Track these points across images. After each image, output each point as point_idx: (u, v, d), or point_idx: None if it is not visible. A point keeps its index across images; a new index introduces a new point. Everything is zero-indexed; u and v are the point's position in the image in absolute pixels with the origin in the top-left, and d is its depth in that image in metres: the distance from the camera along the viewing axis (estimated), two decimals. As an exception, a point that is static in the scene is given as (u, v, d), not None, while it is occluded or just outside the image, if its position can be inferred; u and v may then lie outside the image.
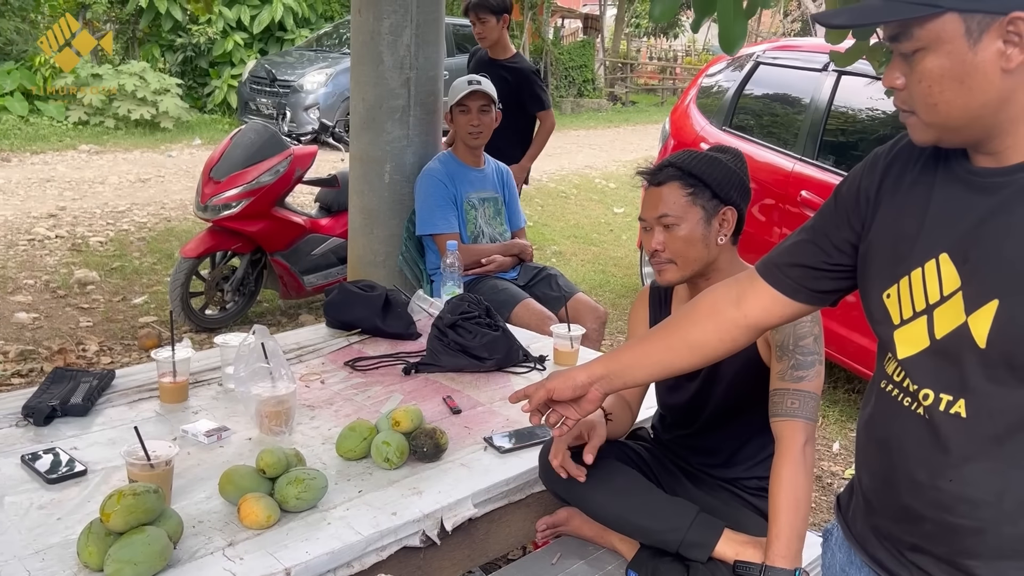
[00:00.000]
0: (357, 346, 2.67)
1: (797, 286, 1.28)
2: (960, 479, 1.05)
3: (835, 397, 4.11)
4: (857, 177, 1.22)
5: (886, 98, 3.97)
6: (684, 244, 1.83)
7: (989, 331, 1.00)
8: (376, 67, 3.29)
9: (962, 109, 0.99)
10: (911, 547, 1.13)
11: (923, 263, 1.08)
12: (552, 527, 2.03)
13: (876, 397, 1.19)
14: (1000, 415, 1.02)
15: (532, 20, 17.61)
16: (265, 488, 1.72)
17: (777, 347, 1.78)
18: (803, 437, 1.69)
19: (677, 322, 1.42)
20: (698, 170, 1.84)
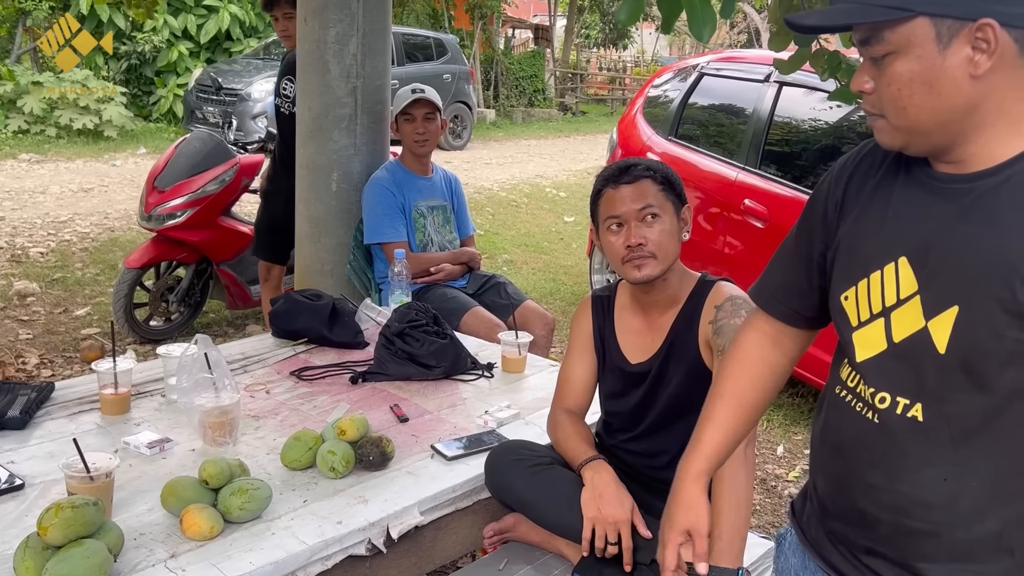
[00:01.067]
0: (304, 355, 2.65)
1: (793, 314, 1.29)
2: (916, 482, 1.07)
3: (779, 401, 4.18)
4: (824, 188, 1.23)
5: (827, 108, 4.08)
6: (666, 237, 1.86)
7: (949, 337, 1.02)
8: (322, 76, 3.28)
9: (930, 113, 1.00)
10: (865, 550, 1.14)
11: (882, 266, 1.09)
12: (499, 533, 2.05)
13: (829, 403, 1.21)
14: (957, 420, 1.03)
15: (482, 30, 17.67)
16: (208, 499, 1.71)
17: (719, 351, 1.82)
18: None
19: (743, 390, 1.35)
20: (662, 170, 1.90)
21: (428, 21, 16.27)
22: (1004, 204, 0.99)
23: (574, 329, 2.09)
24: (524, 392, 2.50)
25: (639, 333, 1.99)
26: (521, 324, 3.02)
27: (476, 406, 2.35)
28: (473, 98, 13.78)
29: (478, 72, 16.79)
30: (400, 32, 12.77)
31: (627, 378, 1.99)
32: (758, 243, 4.14)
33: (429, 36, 13.39)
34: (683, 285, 1.94)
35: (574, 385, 2.06)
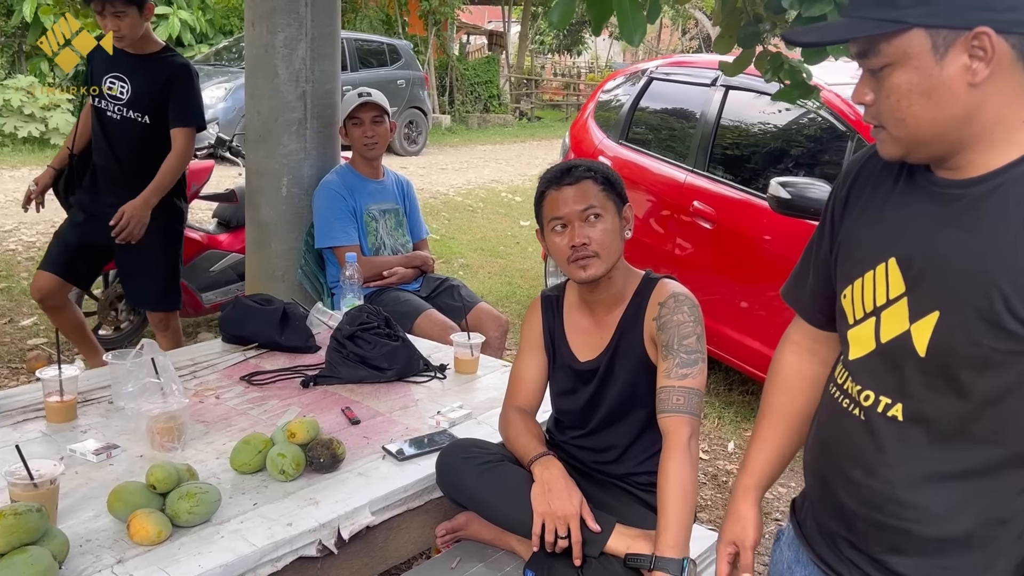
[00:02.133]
0: (254, 361, 2.64)
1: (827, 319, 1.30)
2: (891, 479, 1.10)
3: (730, 399, 4.26)
4: (834, 188, 1.26)
5: (773, 111, 4.17)
6: (609, 236, 1.88)
7: (929, 341, 1.04)
8: (271, 80, 3.27)
9: (930, 123, 1.01)
10: (848, 544, 1.18)
11: (874, 266, 1.12)
12: (451, 532, 2.06)
13: (823, 400, 1.25)
14: (934, 421, 1.06)
15: (437, 36, 17.67)
16: (156, 504, 1.70)
17: (663, 347, 1.86)
18: (688, 431, 1.78)
19: (779, 406, 1.39)
20: (602, 170, 1.93)
21: (382, 27, 16.21)
22: (991, 212, 1.01)
23: (525, 329, 2.12)
24: (476, 392, 2.51)
25: (587, 331, 2.01)
26: (475, 326, 3.04)
27: (428, 407, 2.36)
28: (428, 104, 13.77)
29: (433, 78, 16.78)
30: (353, 38, 12.71)
31: (577, 376, 2.02)
32: (707, 244, 4.20)
33: (383, 42, 13.36)
34: (628, 283, 1.98)
35: (525, 384, 2.08)
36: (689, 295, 1.93)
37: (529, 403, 2.08)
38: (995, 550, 1.06)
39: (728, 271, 4.10)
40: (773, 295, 3.83)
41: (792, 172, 3.90)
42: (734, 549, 1.40)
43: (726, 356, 4.11)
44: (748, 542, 1.39)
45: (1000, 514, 1.04)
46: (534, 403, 2.09)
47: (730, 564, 1.41)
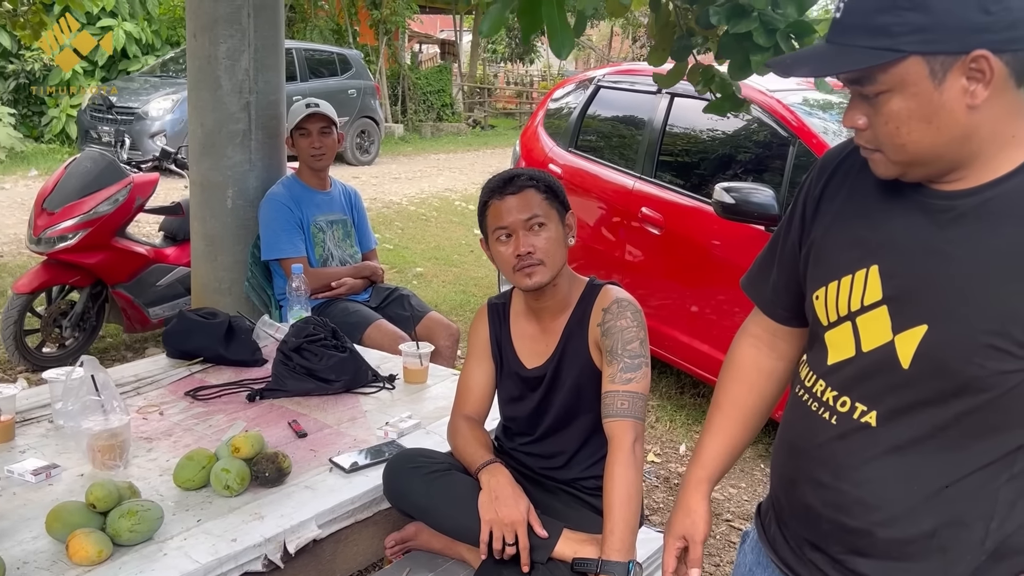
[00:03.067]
0: (199, 375, 2.61)
1: (789, 315, 1.31)
2: (858, 482, 1.10)
3: (682, 402, 4.30)
4: (805, 183, 1.24)
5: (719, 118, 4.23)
6: (553, 244, 1.89)
7: (914, 354, 1.04)
8: (214, 92, 3.24)
9: (930, 147, 1.00)
10: (811, 546, 1.19)
11: (854, 272, 1.11)
12: (401, 543, 2.05)
13: (790, 402, 1.25)
14: (907, 429, 1.07)
15: (388, 45, 17.63)
16: (96, 523, 1.67)
17: (607, 352, 1.88)
18: (633, 435, 1.80)
19: (734, 397, 1.38)
20: (544, 178, 1.94)
21: (332, 37, 16.13)
22: (980, 227, 1.01)
23: (472, 337, 2.12)
24: (426, 402, 2.51)
25: (534, 338, 2.03)
26: (425, 335, 3.04)
27: (377, 418, 2.36)
28: (380, 113, 13.72)
29: (384, 87, 16.72)
30: (303, 48, 12.63)
31: (524, 383, 2.03)
32: (656, 250, 4.25)
33: (333, 52, 13.28)
34: (573, 290, 1.99)
35: (473, 392, 2.08)
36: (632, 300, 1.95)
37: (477, 411, 2.08)
38: (955, 555, 1.07)
39: (677, 276, 4.15)
40: (723, 299, 3.89)
41: (737, 178, 3.96)
42: (683, 543, 1.37)
43: (677, 360, 4.15)
44: (698, 536, 1.35)
45: (963, 518, 1.06)
46: (482, 411, 2.10)
47: (677, 558, 1.39)
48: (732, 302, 3.78)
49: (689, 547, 1.37)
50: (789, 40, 2.35)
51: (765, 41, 2.31)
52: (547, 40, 2.19)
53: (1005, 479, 1.02)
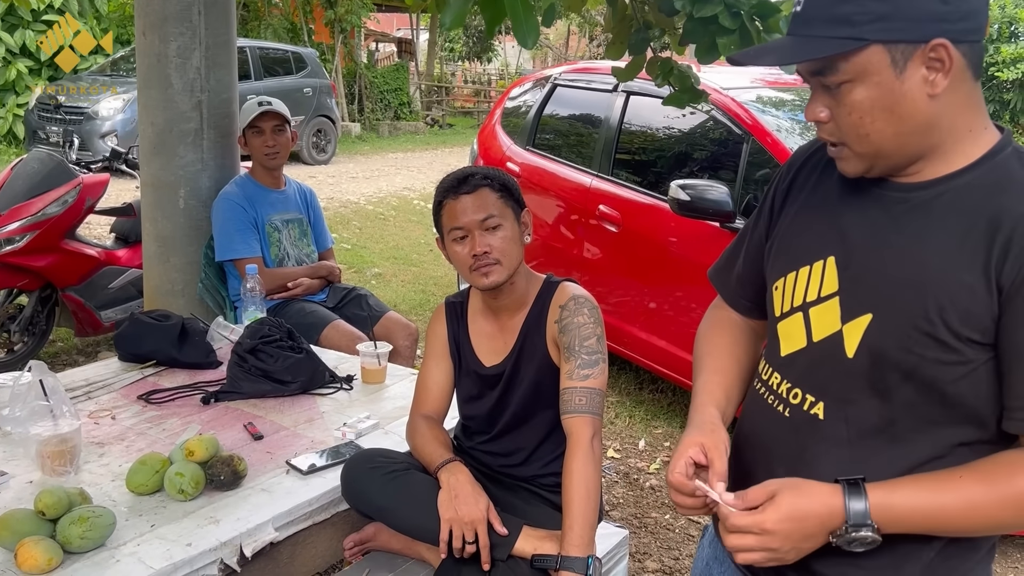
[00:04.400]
0: (152, 379, 2.56)
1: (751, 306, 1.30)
2: (810, 477, 1.08)
3: (640, 398, 4.33)
4: (775, 178, 1.26)
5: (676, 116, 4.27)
6: (508, 243, 1.89)
7: (859, 343, 1.05)
8: (164, 90, 3.19)
9: (893, 137, 1.01)
10: None
11: (811, 263, 1.12)
12: (360, 543, 2.04)
13: (748, 396, 1.26)
14: (855, 421, 1.07)
15: (344, 44, 17.49)
16: (46, 530, 1.64)
17: (565, 348, 1.88)
18: (591, 431, 1.80)
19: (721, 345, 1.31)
20: (499, 177, 1.94)
21: (287, 35, 15.95)
22: (932, 220, 1.03)
23: (430, 337, 2.12)
24: (384, 402, 2.50)
25: (492, 336, 2.03)
26: (384, 335, 3.03)
27: (335, 419, 2.34)
28: (336, 112, 13.60)
29: (341, 86, 16.58)
30: (257, 46, 12.46)
31: (482, 381, 2.02)
32: (613, 247, 4.28)
33: (287, 50, 13.13)
34: (530, 287, 2.00)
35: (431, 391, 2.08)
36: (589, 297, 1.96)
37: (436, 410, 2.08)
38: (905, 552, 1.08)
39: (634, 273, 4.18)
40: (680, 295, 3.93)
41: (692, 175, 4.00)
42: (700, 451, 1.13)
43: (635, 356, 4.18)
44: (721, 446, 1.13)
45: None
46: (441, 410, 2.09)
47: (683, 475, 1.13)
48: (689, 298, 3.82)
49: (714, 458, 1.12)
50: (754, 21, 2.37)
51: (731, 23, 2.32)
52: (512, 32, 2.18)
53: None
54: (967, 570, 1.11)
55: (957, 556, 1.10)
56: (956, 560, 1.10)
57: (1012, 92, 11.01)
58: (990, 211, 0.99)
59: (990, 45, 11.18)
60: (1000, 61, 10.84)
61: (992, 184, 1.01)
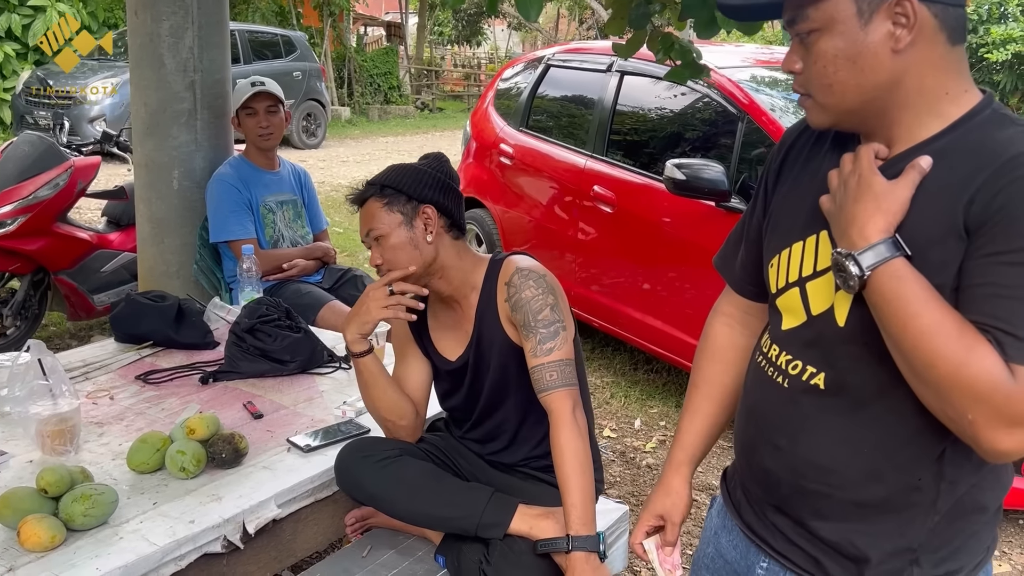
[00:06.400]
0: (149, 359, 2.56)
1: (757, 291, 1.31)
2: (813, 446, 1.12)
3: (636, 378, 4.35)
4: (767, 160, 1.27)
5: (670, 96, 4.26)
6: (393, 252, 1.85)
7: (848, 311, 1.06)
8: (157, 70, 3.16)
9: (856, 90, 1.03)
10: (773, 508, 1.20)
11: (804, 238, 1.13)
12: (361, 520, 2.05)
13: (750, 369, 1.26)
14: (854, 389, 1.08)
15: (333, 27, 17.37)
16: (48, 508, 1.64)
17: (521, 326, 1.84)
18: (571, 403, 1.78)
19: (711, 376, 1.39)
20: (389, 180, 1.89)
21: (275, 19, 15.84)
22: None
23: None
24: (382, 381, 2.49)
25: (453, 327, 1.99)
26: (380, 316, 3.01)
27: (334, 398, 2.34)
28: (326, 95, 13.53)
29: (330, 70, 16.49)
30: (246, 30, 12.37)
31: (451, 376, 2.00)
32: (608, 228, 4.27)
33: (277, 33, 13.04)
34: (474, 271, 1.94)
35: (406, 387, 2.03)
36: (535, 267, 1.91)
37: (419, 397, 2.04)
38: (910, 516, 1.09)
39: (629, 253, 4.18)
40: (675, 275, 3.93)
41: (687, 154, 3.99)
42: (659, 522, 1.39)
43: (630, 336, 4.19)
44: (677, 517, 1.38)
45: (916, 481, 1.08)
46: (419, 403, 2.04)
47: (647, 534, 1.40)
48: (683, 278, 3.82)
49: (667, 527, 1.39)
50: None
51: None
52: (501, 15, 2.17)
53: (951, 440, 1.04)
54: (973, 532, 1.12)
55: (962, 519, 1.10)
56: (961, 523, 1.11)
57: (1002, 73, 11.02)
58: (966, 171, 0.99)
59: (980, 26, 11.21)
60: (990, 42, 10.85)
61: (970, 146, 1.01)
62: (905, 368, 1.00)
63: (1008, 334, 0.93)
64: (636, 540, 1.42)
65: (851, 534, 1.12)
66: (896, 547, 1.10)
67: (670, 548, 1.40)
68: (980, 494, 1.11)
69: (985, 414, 0.93)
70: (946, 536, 1.10)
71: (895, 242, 1.00)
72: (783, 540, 1.20)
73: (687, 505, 1.40)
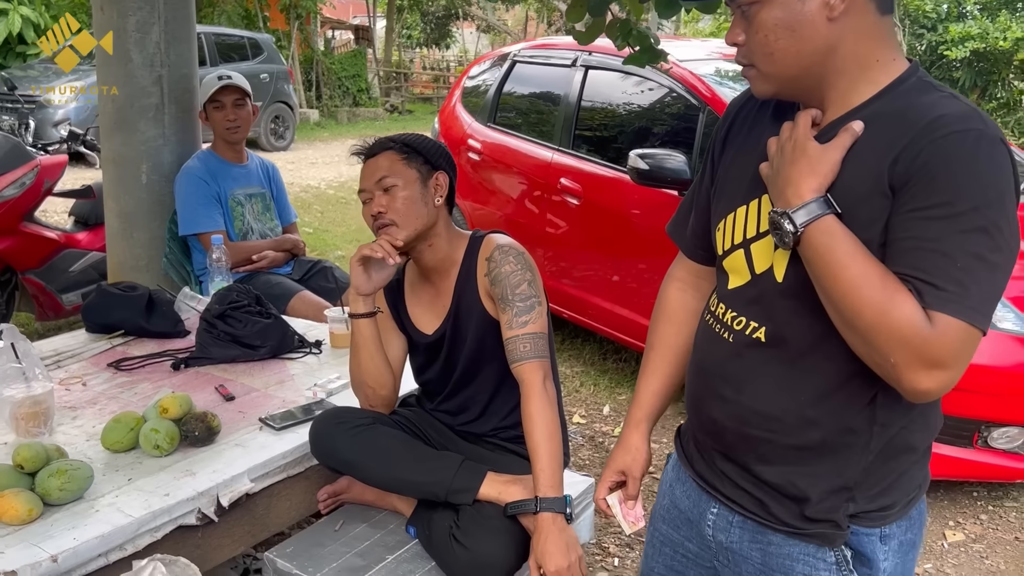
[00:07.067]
0: (121, 348, 2.58)
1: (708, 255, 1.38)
2: (755, 395, 1.19)
3: (605, 367, 4.42)
4: (713, 131, 1.35)
5: (636, 92, 4.35)
6: (405, 204, 1.91)
7: (785, 269, 1.14)
8: (124, 65, 3.18)
9: (795, 58, 1.10)
10: (721, 456, 1.28)
11: (748, 202, 1.21)
12: (333, 495, 2.09)
13: (699, 328, 1.34)
14: (792, 341, 1.16)
15: (300, 30, 17.34)
16: (25, 484, 1.67)
17: (499, 300, 1.92)
18: (541, 374, 1.85)
19: (666, 338, 1.47)
20: (410, 141, 1.97)
21: (241, 22, 15.77)
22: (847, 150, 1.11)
23: None
24: (353, 365, 2.53)
25: (430, 302, 2.05)
26: (349, 305, 3.06)
27: (305, 380, 2.38)
28: (294, 98, 13.50)
29: (298, 73, 16.46)
30: (212, 32, 12.32)
31: (428, 349, 2.06)
32: (576, 219, 4.34)
33: (243, 36, 13.00)
34: (455, 247, 2.01)
35: None
36: (514, 245, 1.99)
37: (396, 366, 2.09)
38: (845, 457, 1.17)
39: (597, 244, 4.25)
40: (643, 266, 4.01)
41: (651, 146, 4.07)
42: (621, 478, 1.47)
43: (599, 326, 4.26)
44: (637, 471, 1.45)
45: (850, 424, 1.16)
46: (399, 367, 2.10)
47: (610, 490, 1.48)
48: (650, 268, 3.90)
49: (628, 481, 1.47)
50: None
51: None
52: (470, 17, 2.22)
53: (882, 385, 1.11)
54: (904, 471, 1.20)
55: (894, 459, 1.18)
56: (893, 463, 1.18)
57: (960, 71, 11.28)
58: (892, 134, 1.07)
59: (939, 24, 11.46)
60: (949, 40, 11.09)
61: (896, 110, 1.09)
62: (836, 318, 1.08)
63: (926, 283, 1.01)
64: (600, 496, 1.49)
65: (792, 476, 1.20)
66: (833, 486, 1.18)
67: (632, 502, 1.47)
68: (910, 435, 1.19)
69: (906, 357, 1.01)
70: (879, 475, 1.18)
71: (826, 201, 1.07)
72: (731, 486, 1.27)
73: (646, 460, 1.46)
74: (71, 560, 1.53)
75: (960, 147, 1.02)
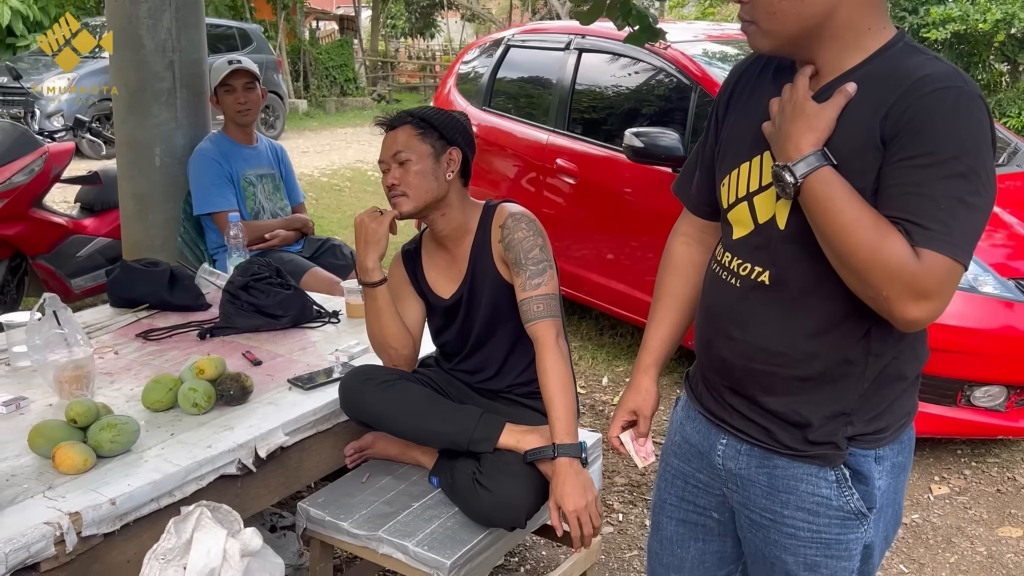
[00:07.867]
0: (147, 320, 2.69)
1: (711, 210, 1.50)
2: (761, 333, 1.31)
3: (602, 342, 4.56)
4: (718, 94, 1.47)
5: (627, 74, 4.47)
6: (416, 177, 2.04)
7: (787, 217, 1.25)
8: (137, 51, 3.28)
9: (795, 19, 1.19)
10: (729, 391, 1.41)
11: (751, 158, 1.31)
12: (359, 451, 2.21)
13: (707, 277, 1.47)
14: (794, 282, 1.27)
15: (286, 20, 17.34)
16: (78, 437, 1.78)
17: (513, 264, 2.06)
18: (554, 331, 2.00)
19: (672, 288, 1.58)
20: (427, 116, 2.10)
21: (228, 12, 15.79)
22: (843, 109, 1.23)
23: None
24: (369, 334, 2.66)
25: (447, 268, 2.19)
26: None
27: (326, 347, 2.50)
28: (284, 88, 13.57)
29: (286, 63, 16.48)
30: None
31: (445, 312, 2.19)
32: (572, 199, 4.47)
33: (232, 26, 13.04)
34: (470, 216, 2.15)
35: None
36: (526, 213, 2.13)
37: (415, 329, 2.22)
38: (844, 386, 1.30)
39: (593, 222, 4.38)
40: (636, 242, 4.14)
41: (644, 124, 4.20)
42: (632, 417, 1.59)
43: (596, 302, 4.40)
44: (647, 410, 1.58)
45: (847, 356, 1.29)
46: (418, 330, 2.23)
47: (623, 428, 1.61)
48: (645, 244, 4.03)
49: (639, 420, 1.59)
50: None
51: None
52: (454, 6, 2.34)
53: (875, 319, 1.25)
54: (895, 398, 1.34)
55: (887, 386, 1.32)
56: (887, 390, 1.32)
57: (942, 52, 11.43)
58: (882, 93, 1.20)
59: (920, 7, 11.61)
60: (930, 22, 11.24)
61: (885, 72, 1.22)
62: (833, 259, 1.21)
63: (913, 224, 1.14)
64: (613, 434, 1.62)
65: (795, 404, 1.33)
66: (833, 412, 1.32)
67: (643, 439, 1.61)
68: (901, 365, 1.33)
69: (896, 290, 1.14)
70: (874, 401, 1.32)
71: (824, 154, 1.20)
72: (739, 417, 1.41)
73: (655, 400, 1.60)
74: (127, 503, 1.65)
75: (942, 103, 1.15)
